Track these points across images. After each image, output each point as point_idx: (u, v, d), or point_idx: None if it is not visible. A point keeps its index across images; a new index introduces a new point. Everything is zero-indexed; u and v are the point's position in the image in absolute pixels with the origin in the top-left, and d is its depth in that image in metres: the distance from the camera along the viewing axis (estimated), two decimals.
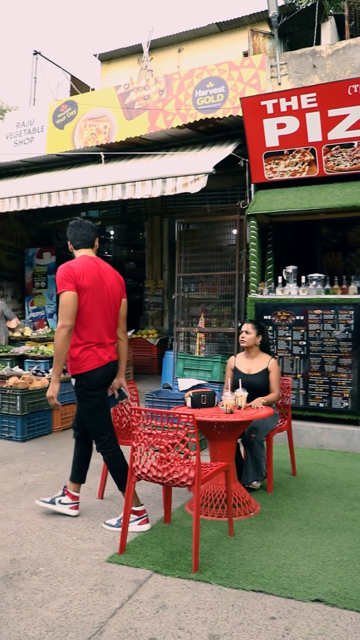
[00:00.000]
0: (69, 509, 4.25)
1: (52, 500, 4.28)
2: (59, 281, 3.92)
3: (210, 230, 7.88)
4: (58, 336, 3.86)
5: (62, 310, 3.87)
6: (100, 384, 4.04)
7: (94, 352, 3.99)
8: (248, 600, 3.03)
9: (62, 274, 3.93)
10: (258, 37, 9.22)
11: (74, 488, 4.29)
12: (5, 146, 10.81)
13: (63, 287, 3.89)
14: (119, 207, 11.18)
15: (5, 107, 24.71)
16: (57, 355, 3.87)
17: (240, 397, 4.44)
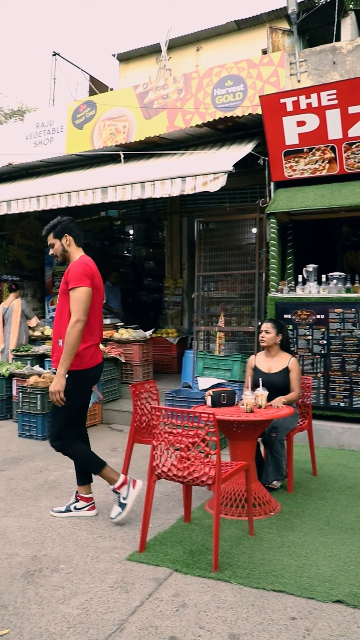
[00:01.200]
0: (86, 512, 4.27)
1: (68, 509, 4.28)
2: (77, 276, 3.94)
3: (230, 229, 7.85)
4: (74, 330, 3.86)
5: (79, 305, 3.90)
6: (91, 383, 4.17)
7: (93, 351, 4.08)
8: (268, 600, 3.02)
9: (81, 269, 3.98)
10: (277, 34, 9.18)
11: (85, 490, 4.30)
12: (25, 147, 10.88)
13: (81, 282, 3.93)
14: (138, 206, 11.19)
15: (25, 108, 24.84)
16: (71, 349, 3.86)
17: (261, 396, 4.43)
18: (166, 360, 9.68)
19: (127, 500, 4.04)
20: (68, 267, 4.10)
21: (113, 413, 7.60)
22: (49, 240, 4.20)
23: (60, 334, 4.02)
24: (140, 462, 5.39)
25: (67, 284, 3.98)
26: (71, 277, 3.96)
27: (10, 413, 7.59)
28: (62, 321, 4.04)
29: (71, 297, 3.93)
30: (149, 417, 4.84)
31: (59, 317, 4.09)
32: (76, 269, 3.99)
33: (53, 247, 4.18)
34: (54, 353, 4.09)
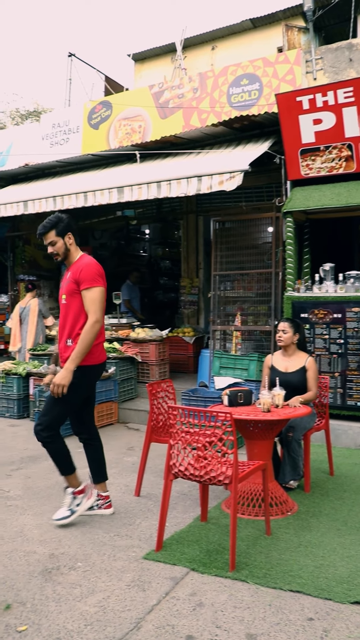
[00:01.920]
0: (103, 510, 4.26)
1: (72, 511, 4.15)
2: (92, 276, 3.97)
3: (246, 228, 7.83)
4: (93, 330, 3.91)
5: (97, 305, 3.95)
6: (94, 380, 4.21)
7: (101, 349, 4.14)
8: (285, 601, 3.01)
9: (96, 269, 4.03)
10: (292, 32, 9.13)
11: (102, 488, 4.30)
12: (42, 147, 10.95)
13: (96, 282, 3.98)
14: (154, 206, 11.20)
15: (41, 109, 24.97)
16: (86, 348, 3.90)
17: (278, 396, 4.42)
18: (182, 359, 9.69)
19: (78, 508, 4.05)
20: (74, 266, 4.08)
21: (129, 412, 7.62)
22: (48, 237, 4.07)
23: (70, 334, 4.02)
24: (157, 461, 5.40)
25: (78, 283, 3.98)
26: (85, 277, 3.97)
27: (27, 412, 7.63)
28: (70, 321, 4.04)
29: (87, 297, 3.95)
30: (165, 416, 4.84)
31: (66, 317, 4.07)
32: (90, 269, 4.00)
33: (54, 245, 4.08)
34: (64, 353, 4.07)
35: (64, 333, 4.07)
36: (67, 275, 4.11)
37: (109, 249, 12.97)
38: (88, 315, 3.96)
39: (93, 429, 4.37)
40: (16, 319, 8.99)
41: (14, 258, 10.96)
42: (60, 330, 4.14)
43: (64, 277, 4.19)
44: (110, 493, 4.43)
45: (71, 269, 4.10)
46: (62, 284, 4.20)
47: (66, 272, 4.18)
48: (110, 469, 5.35)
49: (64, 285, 4.11)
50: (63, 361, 4.04)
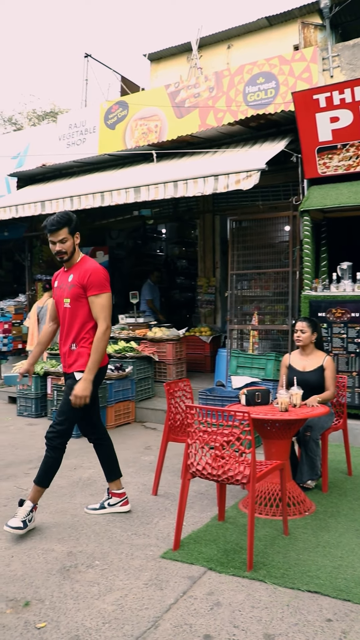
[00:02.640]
0: (120, 507, 4.29)
1: (102, 505, 4.31)
2: (101, 282, 3.94)
3: (263, 227, 7.81)
4: (105, 338, 3.91)
5: (107, 312, 3.93)
6: (100, 382, 4.17)
7: (105, 351, 4.09)
8: (303, 601, 3.00)
9: (103, 274, 3.99)
10: (309, 29, 9.08)
11: (116, 486, 4.31)
12: (58, 148, 11.01)
13: (106, 289, 3.96)
14: (171, 205, 11.21)
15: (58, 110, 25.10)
16: (100, 356, 3.91)
17: (295, 395, 4.40)
18: (199, 358, 9.68)
19: (30, 525, 3.90)
20: (77, 269, 3.99)
21: (146, 411, 7.64)
22: (60, 234, 3.90)
23: (75, 338, 3.98)
24: (174, 461, 5.41)
25: (85, 288, 3.91)
26: (94, 282, 3.91)
27: (45, 411, 7.68)
28: (77, 326, 3.98)
29: (96, 303, 3.92)
30: (183, 415, 4.84)
31: (72, 321, 4.00)
32: (98, 274, 3.94)
33: (64, 242, 3.92)
34: (68, 357, 4.03)
35: (69, 338, 4.01)
36: (69, 277, 4.00)
37: (125, 248, 13.01)
38: (98, 322, 3.93)
39: (102, 429, 4.37)
40: (34, 318, 9.05)
41: (31, 258, 11.04)
42: (63, 334, 4.06)
43: (61, 278, 4.09)
44: (127, 492, 4.45)
45: (73, 271, 4.01)
46: (59, 285, 4.08)
47: (64, 272, 4.09)
48: (127, 468, 5.38)
49: (67, 288, 4.00)
50: (67, 366, 4.04)
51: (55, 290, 4.13)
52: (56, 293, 4.11)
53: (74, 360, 3.96)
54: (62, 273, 4.13)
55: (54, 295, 4.17)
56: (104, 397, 7.01)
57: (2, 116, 26.69)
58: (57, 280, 4.16)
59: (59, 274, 4.17)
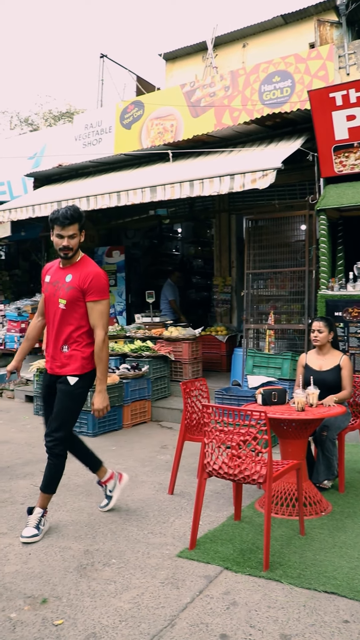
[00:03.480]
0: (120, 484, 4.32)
1: (108, 497, 4.30)
2: (103, 288, 3.84)
3: (279, 226, 7.78)
4: (105, 345, 3.82)
5: (105, 319, 3.84)
6: (91, 385, 4.03)
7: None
8: (320, 602, 2.99)
9: (105, 279, 3.90)
10: (325, 26, 9.04)
11: (103, 473, 4.27)
12: (75, 148, 11.06)
13: (106, 295, 3.87)
14: (187, 204, 11.22)
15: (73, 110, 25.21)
16: (106, 365, 3.86)
17: (312, 395, 4.38)
18: (215, 358, 9.68)
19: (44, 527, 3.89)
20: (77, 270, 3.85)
21: (162, 411, 7.65)
22: (71, 229, 3.77)
23: (67, 340, 3.84)
24: (190, 460, 5.41)
25: (85, 293, 3.78)
26: (95, 288, 3.80)
27: None
28: (70, 329, 3.85)
29: (95, 310, 3.80)
30: (199, 415, 4.85)
31: (64, 323, 3.85)
32: (100, 280, 3.83)
33: (72, 238, 3.78)
34: (57, 359, 3.88)
35: (59, 339, 3.85)
36: (67, 276, 3.85)
37: (141, 248, 13.03)
38: (96, 329, 3.82)
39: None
40: None
41: (47, 257, 11.08)
42: (52, 334, 3.90)
43: (56, 274, 3.91)
44: (143, 491, 4.45)
45: (73, 270, 3.86)
46: (53, 281, 3.90)
47: (59, 269, 3.92)
48: (143, 467, 5.41)
49: (64, 288, 3.82)
50: (56, 367, 3.87)
51: (47, 286, 3.93)
52: (48, 289, 3.91)
53: (65, 363, 3.83)
54: (57, 269, 3.95)
55: (44, 290, 3.97)
56: (120, 397, 7.04)
57: (19, 117, 26.91)
58: (49, 274, 3.97)
59: (53, 269, 3.99)
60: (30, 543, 3.73)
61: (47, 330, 3.98)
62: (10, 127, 26.07)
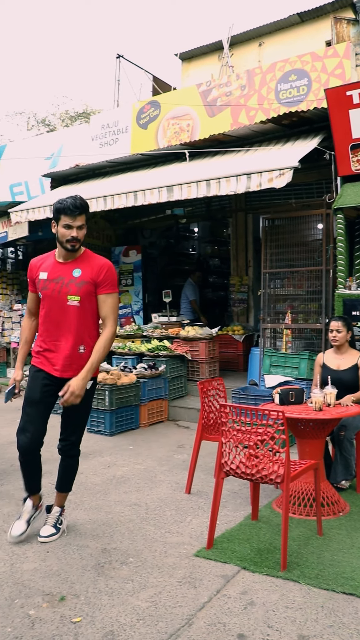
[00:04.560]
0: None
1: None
2: (115, 280, 3.69)
3: (296, 225, 7.75)
4: (113, 340, 3.65)
5: (117, 313, 3.69)
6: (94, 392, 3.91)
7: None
8: (338, 603, 2.97)
9: (114, 271, 3.73)
10: (342, 24, 8.96)
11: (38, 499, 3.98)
12: (91, 148, 11.10)
13: (117, 287, 3.71)
14: (204, 204, 11.22)
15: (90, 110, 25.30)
16: (103, 358, 3.63)
17: (330, 395, 4.37)
18: (232, 357, 9.67)
19: (62, 526, 3.88)
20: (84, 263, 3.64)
21: (179, 410, 7.66)
22: (80, 220, 3.55)
23: (83, 340, 3.63)
24: (207, 459, 5.42)
25: (97, 285, 3.60)
26: (109, 280, 3.63)
27: None
28: (84, 327, 3.63)
29: (108, 303, 3.62)
30: (216, 414, 4.85)
31: (78, 321, 3.61)
32: (113, 271, 3.67)
33: (81, 229, 3.57)
34: (73, 362, 3.61)
35: (70, 339, 3.60)
36: (73, 271, 3.60)
37: (158, 247, 13.05)
38: (107, 322, 3.63)
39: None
40: None
41: None
42: (61, 334, 3.61)
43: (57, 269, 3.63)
44: (161, 490, 4.46)
45: (79, 265, 3.62)
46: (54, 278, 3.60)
47: (60, 264, 3.65)
48: (161, 466, 5.43)
49: (73, 283, 3.58)
50: (75, 370, 3.56)
51: (46, 283, 3.61)
52: (48, 287, 3.60)
53: (82, 365, 3.55)
54: (55, 264, 3.67)
55: (40, 288, 3.65)
56: (137, 396, 7.06)
57: (36, 118, 27.08)
58: (44, 270, 3.66)
59: (47, 264, 3.69)
60: (47, 541, 3.75)
61: (50, 331, 3.65)
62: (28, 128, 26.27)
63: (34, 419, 3.62)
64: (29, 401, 3.66)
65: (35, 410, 3.63)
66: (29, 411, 3.64)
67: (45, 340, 3.65)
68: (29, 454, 3.68)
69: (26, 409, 3.66)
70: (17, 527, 3.76)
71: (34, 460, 3.73)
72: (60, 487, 3.89)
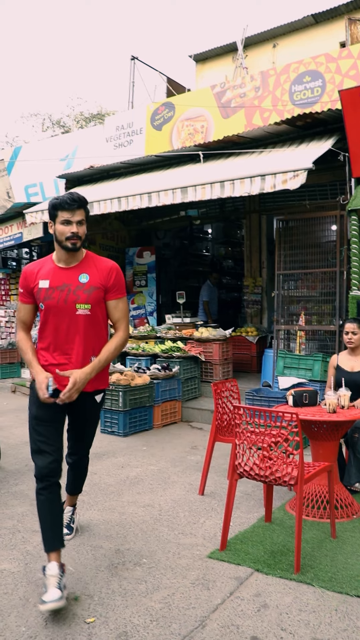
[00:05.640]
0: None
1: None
2: (124, 283, 3.42)
3: (310, 226, 7.72)
4: (124, 346, 3.42)
5: (128, 318, 3.45)
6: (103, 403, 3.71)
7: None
8: (352, 606, 2.96)
9: (123, 276, 3.45)
10: (356, 25, 8.94)
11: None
12: (106, 149, 11.14)
13: (125, 291, 3.45)
14: (218, 205, 11.22)
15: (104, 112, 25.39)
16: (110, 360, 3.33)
17: (344, 397, 4.35)
18: (246, 359, 9.67)
19: (74, 525, 3.90)
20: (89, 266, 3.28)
21: (193, 411, 7.67)
22: (79, 214, 3.18)
23: (95, 349, 3.28)
24: (220, 461, 5.42)
25: (109, 290, 3.29)
26: (120, 283, 3.34)
27: None
28: (96, 335, 3.31)
29: (119, 308, 3.34)
30: (230, 415, 4.85)
31: (89, 330, 3.26)
32: (121, 274, 3.37)
33: (81, 224, 3.19)
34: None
35: (84, 350, 3.24)
36: (79, 276, 3.24)
37: (172, 248, 13.08)
38: (120, 327, 3.35)
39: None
40: None
41: None
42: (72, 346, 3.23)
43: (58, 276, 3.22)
44: (175, 491, 4.47)
45: (85, 269, 3.26)
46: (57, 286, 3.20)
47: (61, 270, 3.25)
48: (174, 467, 5.43)
49: (81, 290, 3.21)
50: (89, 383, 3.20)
51: (48, 292, 3.21)
52: (52, 296, 3.20)
53: (94, 377, 3.24)
54: (56, 270, 3.26)
55: (44, 299, 3.21)
56: (151, 397, 7.08)
57: (51, 119, 27.23)
58: (45, 278, 3.24)
59: (46, 271, 3.27)
60: None
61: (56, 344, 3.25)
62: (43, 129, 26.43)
63: (48, 438, 3.21)
64: (39, 420, 3.22)
65: (48, 429, 3.22)
66: (41, 430, 3.22)
67: (53, 355, 3.25)
68: (51, 477, 3.17)
69: (37, 429, 3.23)
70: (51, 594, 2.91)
71: (56, 490, 3.20)
72: (71, 490, 3.82)
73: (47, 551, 3.10)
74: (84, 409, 3.36)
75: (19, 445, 6.19)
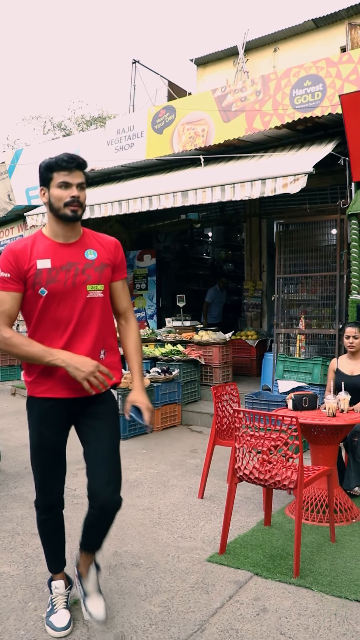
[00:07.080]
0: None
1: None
2: (125, 261, 2.90)
3: (310, 230, 7.74)
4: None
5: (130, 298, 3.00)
6: None
7: None
8: (351, 611, 2.96)
9: None
10: (356, 30, 8.96)
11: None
12: (107, 152, 11.16)
13: None
14: (218, 208, 11.23)
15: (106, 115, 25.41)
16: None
17: (343, 400, 4.35)
18: (245, 362, 9.67)
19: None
20: (90, 240, 2.76)
21: (192, 414, 7.66)
22: (77, 176, 2.61)
23: (105, 341, 2.75)
24: (220, 464, 5.42)
25: (115, 269, 2.80)
26: (124, 261, 2.87)
27: None
28: (104, 323, 2.75)
29: (126, 289, 2.89)
30: (229, 419, 4.85)
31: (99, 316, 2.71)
32: (122, 251, 2.87)
33: (81, 188, 2.64)
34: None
35: (93, 342, 2.68)
36: (87, 253, 2.69)
37: (172, 251, 13.08)
38: (128, 313, 2.90)
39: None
40: None
41: None
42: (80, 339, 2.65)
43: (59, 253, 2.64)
44: (174, 495, 4.46)
45: (91, 244, 2.74)
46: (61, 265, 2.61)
47: (60, 246, 2.67)
48: (173, 471, 5.43)
49: (91, 269, 2.67)
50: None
51: (55, 274, 2.60)
52: (58, 278, 2.60)
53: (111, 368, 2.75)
54: (56, 247, 2.67)
55: (46, 283, 2.59)
56: (151, 400, 7.07)
57: (52, 122, 27.29)
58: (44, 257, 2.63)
59: (44, 248, 2.65)
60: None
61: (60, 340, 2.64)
62: (44, 132, 26.46)
63: (53, 471, 2.83)
64: (43, 448, 2.77)
65: (52, 459, 2.80)
66: (45, 462, 2.80)
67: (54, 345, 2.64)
68: (59, 506, 2.92)
69: (40, 460, 2.80)
70: (60, 618, 2.78)
71: (62, 515, 2.96)
72: (89, 546, 2.85)
73: (52, 572, 2.97)
74: (99, 413, 2.79)
75: (19, 447, 6.18)
